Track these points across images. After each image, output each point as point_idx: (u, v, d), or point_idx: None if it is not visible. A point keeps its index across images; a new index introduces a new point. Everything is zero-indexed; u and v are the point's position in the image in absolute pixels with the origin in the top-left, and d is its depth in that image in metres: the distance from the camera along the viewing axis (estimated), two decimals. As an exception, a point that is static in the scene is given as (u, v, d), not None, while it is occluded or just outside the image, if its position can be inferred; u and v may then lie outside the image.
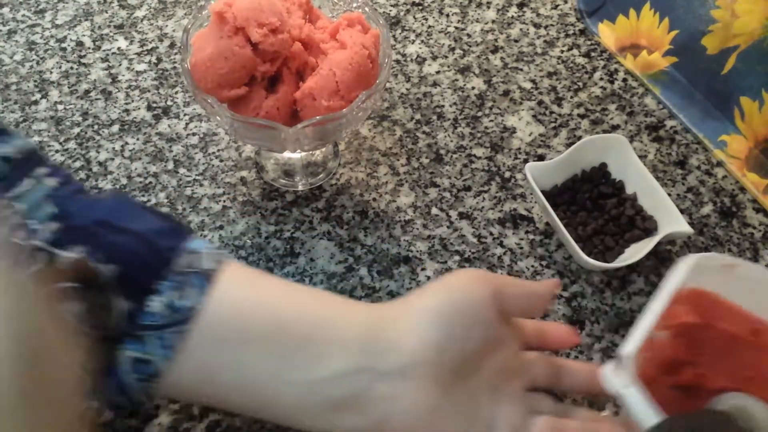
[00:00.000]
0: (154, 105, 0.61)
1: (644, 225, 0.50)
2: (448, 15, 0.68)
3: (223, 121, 0.45)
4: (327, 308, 0.36)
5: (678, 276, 0.40)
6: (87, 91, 0.62)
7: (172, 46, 0.65)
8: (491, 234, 0.53)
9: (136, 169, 0.56)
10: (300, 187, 0.55)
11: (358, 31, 0.47)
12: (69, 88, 0.62)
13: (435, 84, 0.62)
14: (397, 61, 0.64)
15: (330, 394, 0.33)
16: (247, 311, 0.34)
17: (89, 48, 0.65)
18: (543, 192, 0.51)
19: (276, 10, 0.44)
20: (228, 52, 0.43)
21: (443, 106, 0.61)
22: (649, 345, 0.40)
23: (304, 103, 0.45)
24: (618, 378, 0.36)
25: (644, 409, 0.35)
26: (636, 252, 0.48)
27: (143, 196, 0.55)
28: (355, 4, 0.50)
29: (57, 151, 0.57)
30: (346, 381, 0.33)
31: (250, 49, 0.43)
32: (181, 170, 0.56)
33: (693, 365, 0.42)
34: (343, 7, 0.51)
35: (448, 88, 0.62)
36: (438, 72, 0.63)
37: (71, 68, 0.63)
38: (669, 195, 0.51)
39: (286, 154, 0.54)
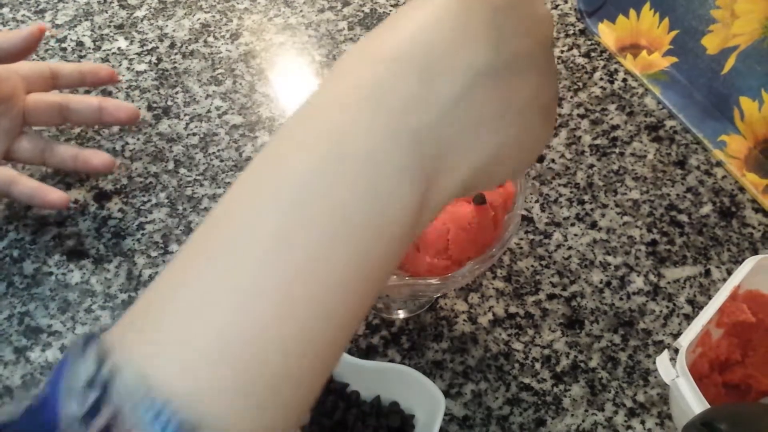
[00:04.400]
0: (155, 105, 0.61)
1: None
2: (448, 15, 0.68)
3: None
4: None
5: (739, 274, 0.42)
6: (87, 92, 0.62)
7: (172, 46, 0.65)
8: (491, 234, 0.53)
9: (136, 169, 0.57)
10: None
11: None
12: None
13: (435, 84, 0.62)
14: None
15: None
16: None
17: (89, 48, 0.65)
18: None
19: None
20: None
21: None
22: (703, 339, 0.42)
23: (407, 251, 0.41)
24: (671, 367, 0.39)
25: (692, 399, 0.38)
26: None
27: (143, 196, 0.55)
28: None
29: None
30: None
31: None
32: (182, 170, 0.56)
33: (743, 366, 0.44)
34: None
35: (448, 88, 0.62)
36: (438, 72, 0.63)
37: (72, 68, 0.63)
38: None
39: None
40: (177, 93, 0.62)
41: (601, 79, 0.63)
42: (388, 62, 0.23)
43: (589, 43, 0.66)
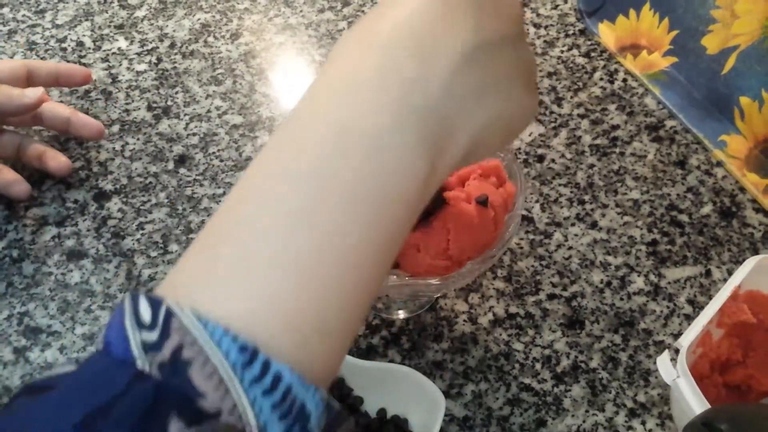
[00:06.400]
0: (155, 105, 0.61)
1: None
2: (448, 15, 0.68)
3: None
4: None
5: (740, 274, 0.42)
6: (87, 91, 0.62)
7: (172, 46, 0.65)
8: (491, 234, 0.53)
9: (136, 169, 0.57)
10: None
11: (491, 184, 0.41)
12: (69, 88, 0.62)
13: (435, 84, 0.62)
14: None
15: None
16: None
17: (89, 48, 0.65)
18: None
19: None
20: None
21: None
22: (704, 340, 0.42)
23: (406, 252, 0.39)
24: (671, 367, 0.39)
25: (693, 400, 0.38)
26: None
27: (143, 196, 0.55)
28: None
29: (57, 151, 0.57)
30: None
31: None
32: (182, 170, 0.56)
33: (743, 366, 0.44)
34: None
35: (448, 88, 0.62)
36: (438, 72, 0.63)
37: (71, 68, 0.63)
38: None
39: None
40: (177, 93, 0.62)
41: (601, 79, 0.63)
42: (386, 48, 0.26)
43: (589, 43, 0.66)
